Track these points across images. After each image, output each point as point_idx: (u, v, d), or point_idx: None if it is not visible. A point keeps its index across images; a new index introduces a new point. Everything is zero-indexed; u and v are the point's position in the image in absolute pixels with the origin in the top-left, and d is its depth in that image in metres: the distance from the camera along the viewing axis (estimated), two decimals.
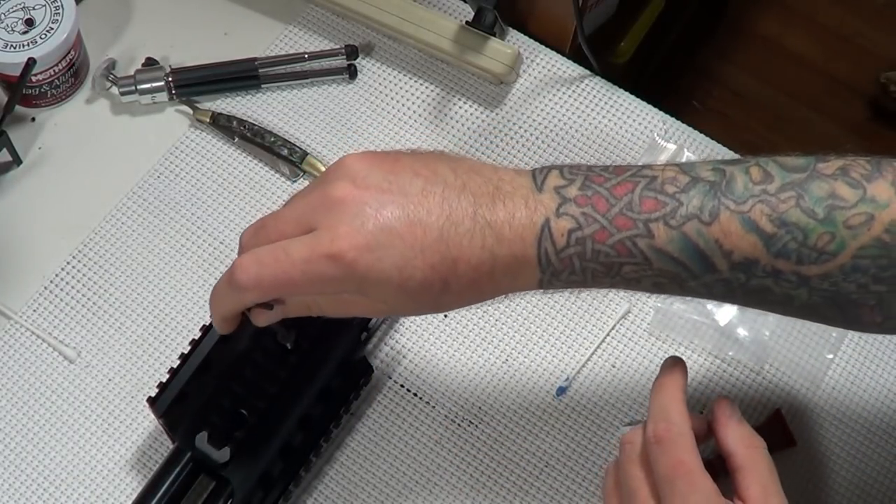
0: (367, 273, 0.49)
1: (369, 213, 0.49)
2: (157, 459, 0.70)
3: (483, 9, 0.81)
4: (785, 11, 1.68)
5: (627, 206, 0.50)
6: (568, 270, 0.51)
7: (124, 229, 0.78)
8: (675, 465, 0.51)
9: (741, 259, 0.49)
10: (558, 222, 0.50)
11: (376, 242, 0.49)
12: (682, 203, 0.50)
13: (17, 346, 0.74)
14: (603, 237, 0.50)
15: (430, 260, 0.49)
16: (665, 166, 0.51)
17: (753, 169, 0.50)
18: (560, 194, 0.51)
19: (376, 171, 0.51)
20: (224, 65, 0.83)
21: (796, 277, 0.50)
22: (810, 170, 0.50)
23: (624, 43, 1.22)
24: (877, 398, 0.74)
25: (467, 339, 0.75)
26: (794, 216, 0.49)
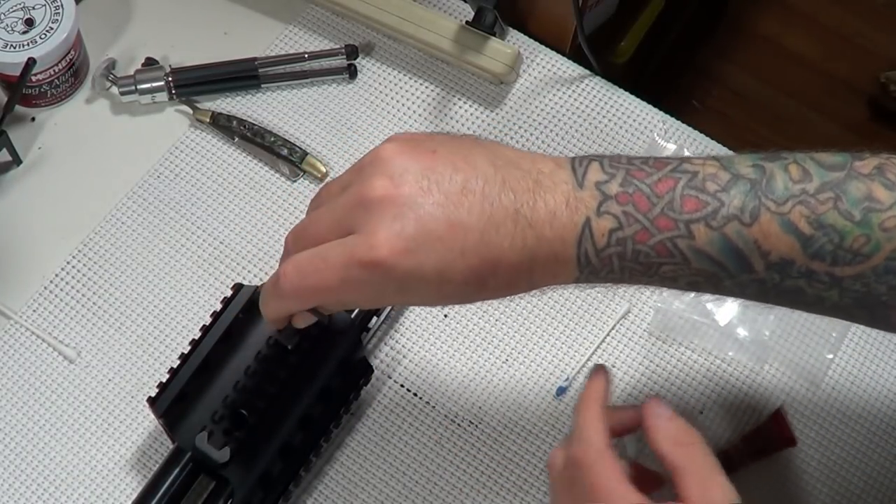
0: (407, 277, 0.48)
1: (409, 216, 0.48)
2: (157, 459, 0.70)
3: (483, 9, 0.81)
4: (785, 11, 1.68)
5: (669, 206, 0.49)
6: (606, 269, 0.50)
7: (124, 229, 0.78)
8: (592, 489, 0.51)
9: (778, 259, 0.49)
10: (599, 222, 0.49)
11: (416, 246, 0.48)
12: (724, 203, 0.49)
13: (17, 346, 0.74)
14: (644, 238, 0.49)
15: (470, 262, 0.48)
16: (705, 161, 0.51)
17: (792, 167, 0.50)
18: (601, 191, 0.50)
19: (414, 167, 0.49)
20: (224, 65, 0.83)
21: (829, 278, 0.50)
22: (847, 168, 0.50)
23: (624, 43, 1.22)
24: (877, 398, 0.74)
25: (467, 339, 0.75)
26: (832, 218, 0.49)
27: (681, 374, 0.74)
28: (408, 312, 0.75)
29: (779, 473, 0.71)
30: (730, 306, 0.75)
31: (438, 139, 0.51)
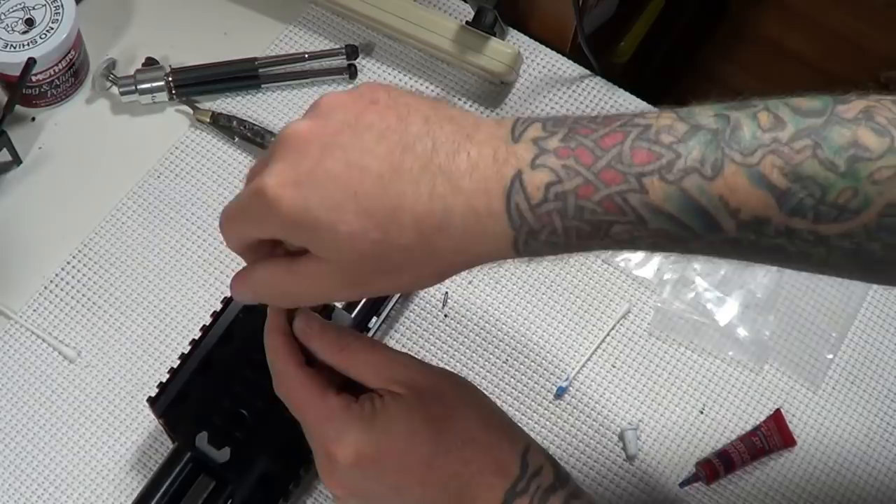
0: (292, 210, 0.45)
1: (311, 152, 0.46)
2: (157, 459, 0.70)
3: (483, 9, 0.81)
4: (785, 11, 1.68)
5: (616, 158, 0.44)
6: (548, 229, 0.45)
7: (124, 229, 0.78)
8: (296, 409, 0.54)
9: (750, 218, 0.44)
10: (533, 175, 0.44)
11: (306, 181, 0.45)
12: (681, 154, 0.44)
13: (17, 346, 0.74)
14: (587, 192, 0.44)
15: (363, 204, 0.44)
16: (660, 113, 0.46)
17: (762, 114, 0.45)
18: (538, 145, 0.45)
19: (343, 111, 0.47)
20: (224, 65, 0.83)
21: (814, 237, 0.44)
22: (828, 113, 0.44)
23: (624, 43, 1.22)
24: (877, 398, 0.74)
25: (467, 339, 0.75)
26: (811, 169, 0.43)
27: (681, 374, 0.74)
28: (408, 312, 0.75)
29: (779, 473, 0.71)
30: (730, 306, 0.76)
31: (394, 92, 0.48)
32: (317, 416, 0.53)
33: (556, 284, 0.77)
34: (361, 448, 0.51)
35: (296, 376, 0.54)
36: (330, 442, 0.52)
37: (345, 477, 0.52)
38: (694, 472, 0.70)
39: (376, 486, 0.52)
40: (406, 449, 0.51)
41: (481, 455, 0.52)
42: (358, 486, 0.53)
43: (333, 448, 0.52)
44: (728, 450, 0.71)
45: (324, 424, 0.52)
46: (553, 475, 0.53)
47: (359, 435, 0.51)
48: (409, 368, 0.54)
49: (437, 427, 0.52)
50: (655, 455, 0.72)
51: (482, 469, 0.52)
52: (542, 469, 0.53)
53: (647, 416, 0.73)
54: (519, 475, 0.52)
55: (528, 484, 0.52)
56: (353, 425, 0.52)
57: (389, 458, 0.51)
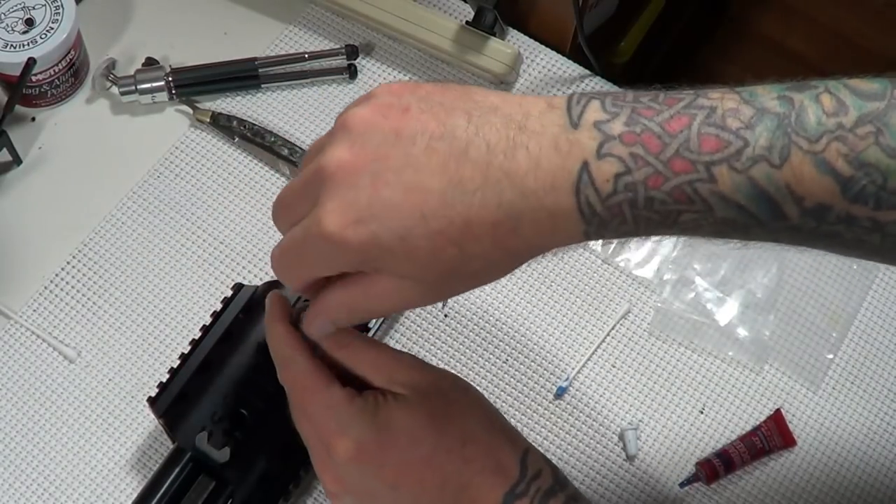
0: (364, 248, 0.45)
1: (362, 185, 0.44)
2: (157, 459, 0.70)
3: (483, 9, 0.81)
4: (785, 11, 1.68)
5: (684, 146, 0.43)
6: (618, 220, 0.44)
7: (124, 229, 0.78)
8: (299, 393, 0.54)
9: (813, 205, 0.44)
10: (600, 165, 0.43)
11: (368, 216, 0.44)
12: (749, 142, 0.43)
13: (17, 346, 0.74)
14: (657, 182, 0.43)
15: (434, 226, 0.44)
16: (723, 93, 0.45)
17: (824, 97, 0.44)
18: (601, 130, 0.44)
19: (377, 131, 0.45)
20: (224, 65, 0.83)
21: (871, 223, 0.44)
22: (888, 97, 0.44)
23: (624, 43, 1.22)
24: (877, 398, 0.74)
25: (467, 339, 0.75)
26: (874, 156, 0.43)
27: (681, 374, 0.74)
28: (408, 312, 0.75)
29: (779, 473, 0.71)
30: (730, 306, 0.76)
31: (420, 92, 0.47)
32: (319, 406, 0.52)
33: (556, 284, 0.77)
34: (362, 442, 0.51)
35: (302, 364, 0.53)
36: (330, 433, 0.52)
37: (342, 472, 0.52)
38: (694, 472, 0.70)
39: (373, 484, 0.52)
40: (407, 446, 0.51)
41: (482, 455, 0.52)
42: (354, 482, 0.52)
43: (334, 440, 0.51)
44: (728, 450, 0.71)
45: (326, 415, 0.52)
46: (552, 478, 0.53)
47: (360, 428, 0.51)
48: (412, 368, 0.54)
49: (439, 426, 0.52)
50: (655, 455, 0.72)
51: (482, 469, 0.52)
52: (541, 472, 0.53)
53: (647, 416, 0.73)
54: (519, 477, 0.52)
55: (527, 486, 0.52)
56: (356, 418, 0.51)
57: (390, 455, 0.51)
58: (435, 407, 0.52)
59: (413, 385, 0.53)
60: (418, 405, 0.52)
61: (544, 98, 0.46)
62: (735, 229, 0.45)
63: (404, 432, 0.51)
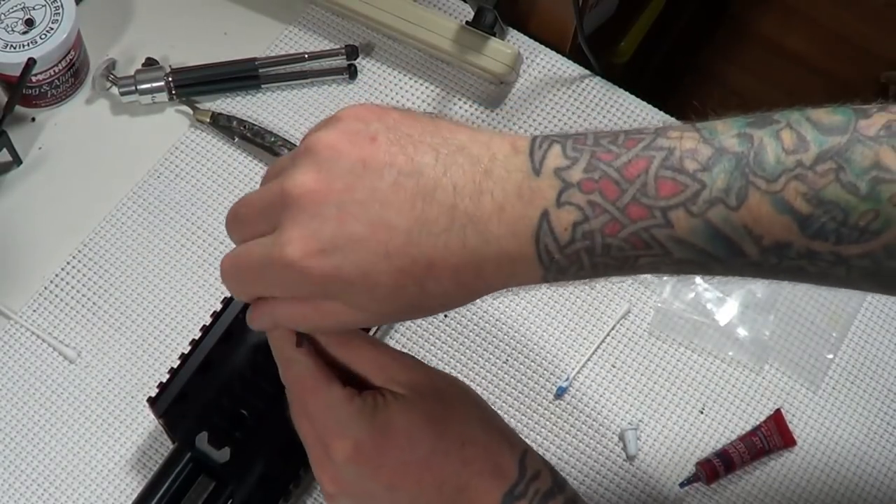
0: (326, 280, 0.45)
1: (328, 215, 0.44)
2: (157, 459, 0.70)
3: (483, 9, 0.81)
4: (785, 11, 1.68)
5: (641, 191, 0.44)
6: (575, 267, 0.45)
7: (124, 229, 0.78)
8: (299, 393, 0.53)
9: (772, 243, 0.44)
10: (560, 214, 0.44)
11: (332, 248, 0.44)
12: (706, 184, 0.43)
13: (17, 346, 0.74)
14: (614, 230, 0.44)
15: (397, 264, 0.44)
16: (682, 133, 0.45)
17: (785, 133, 0.44)
18: (561, 178, 0.44)
19: (344, 159, 0.45)
20: (224, 65, 0.83)
21: (834, 258, 0.44)
22: (850, 130, 0.44)
23: (624, 43, 1.22)
24: (877, 398, 0.74)
25: (467, 339, 0.75)
26: (833, 193, 0.43)
27: (681, 374, 0.74)
28: None
29: (779, 473, 0.71)
30: (730, 306, 0.76)
31: (388, 120, 0.46)
32: (320, 405, 0.52)
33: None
34: (360, 442, 0.51)
35: (304, 363, 0.53)
36: (330, 433, 0.52)
37: (340, 472, 0.52)
38: (694, 472, 0.70)
39: (370, 485, 0.52)
40: (405, 447, 0.51)
41: (481, 457, 0.52)
42: (352, 483, 0.52)
43: (332, 440, 0.51)
44: (728, 450, 0.71)
45: (326, 414, 0.52)
46: (551, 480, 0.53)
47: (359, 429, 0.51)
48: (412, 369, 0.54)
49: (438, 427, 0.52)
50: (655, 455, 0.72)
51: (481, 471, 0.52)
52: (539, 473, 0.53)
53: (647, 416, 0.73)
54: (517, 479, 0.52)
55: (526, 487, 0.52)
56: (355, 418, 0.51)
57: (388, 456, 0.51)
58: (434, 408, 0.52)
59: (412, 385, 0.53)
60: (417, 406, 0.52)
61: (509, 139, 0.46)
62: (695, 267, 0.46)
63: (403, 433, 0.51)
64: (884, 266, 0.45)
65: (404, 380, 0.53)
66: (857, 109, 0.45)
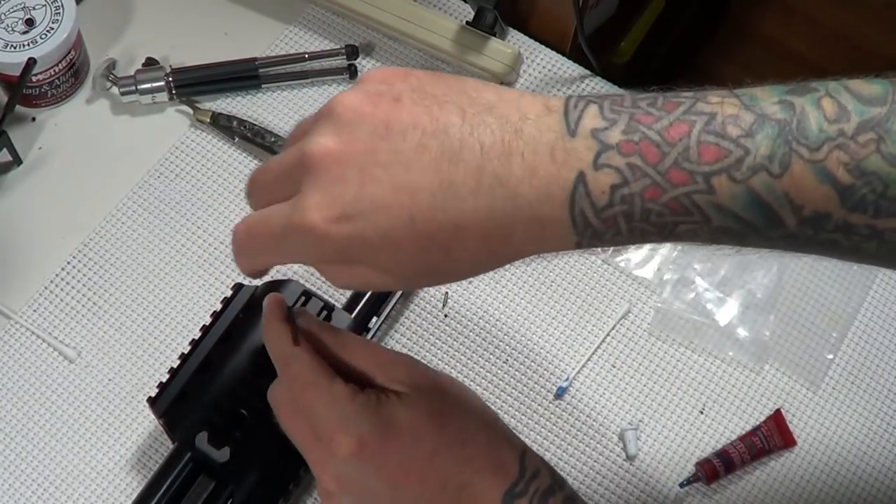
0: (348, 245, 0.43)
1: (349, 179, 0.43)
2: (157, 459, 0.70)
3: (483, 9, 0.81)
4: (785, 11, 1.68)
5: (683, 155, 0.42)
6: (612, 231, 0.43)
7: (124, 229, 0.78)
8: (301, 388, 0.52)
9: (812, 213, 0.43)
10: (597, 176, 0.42)
11: (354, 212, 0.43)
12: (749, 151, 0.42)
13: (17, 346, 0.74)
14: (655, 194, 0.42)
15: (421, 228, 0.43)
16: (723, 99, 0.44)
17: (826, 101, 0.43)
18: (599, 139, 0.42)
19: (367, 121, 0.44)
20: (224, 65, 0.83)
21: (869, 230, 0.44)
22: (890, 101, 0.43)
23: (624, 43, 1.22)
24: (877, 398, 0.74)
25: (467, 339, 0.75)
26: (875, 164, 0.42)
27: (681, 374, 0.74)
28: (408, 312, 0.75)
29: (779, 473, 0.71)
30: (730, 306, 0.76)
31: (412, 81, 0.45)
32: (321, 402, 0.51)
33: (556, 284, 0.77)
34: (364, 438, 0.50)
35: (305, 359, 0.52)
36: (332, 429, 0.51)
37: (342, 470, 0.51)
38: (694, 472, 0.70)
39: (373, 483, 0.51)
40: (409, 443, 0.51)
41: (482, 454, 0.52)
42: (353, 481, 0.52)
43: (336, 435, 0.51)
44: (728, 450, 0.71)
45: (328, 410, 0.51)
46: (550, 478, 0.53)
47: (363, 424, 0.50)
48: (412, 368, 0.54)
49: (440, 423, 0.52)
50: (655, 455, 0.72)
51: (482, 468, 0.52)
52: (539, 472, 0.53)
53: (647, 416, 0.73)
54: (518, 477, 0.52)
55: (526, 486, 0.52)
56: (359, 413, 0.51)
57: (392, 452, 0.51)
58: (436, 405, 0.52)
59: (413, 384, 0.53)
60: (419, 403, 0.52)
61: (541, 98, 0.45)
62: (731, 237, 0.45)
63: (407, 429, 0.51)
64: None
65: (405, 378, 0.53)
66: (893, 81, 0.45)
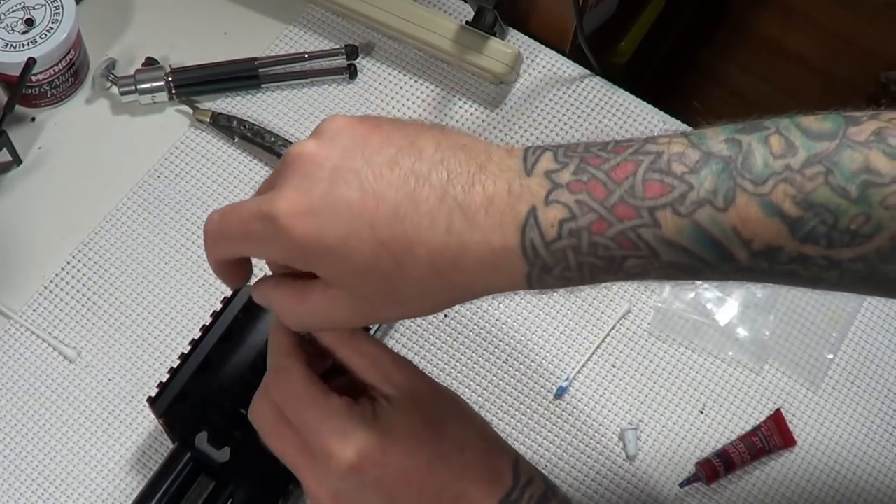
0: (305, 240, 0.45)
1: (321, 177, 0.45)
2: (157, 459, 0.70)
3: (483, 9, 0.81)
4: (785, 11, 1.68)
5: (629, 192, 0.44)
6: (561, 265, 0.45)
7: (124, 229, 0.78)
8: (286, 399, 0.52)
9: (762, 247, 0.44)
10: (547, 211, 0.44)
11: (320, 208, 0.44)
12: (693, 186, 0.44)
13: (17, 346, 0.74)
14: (601, 228, 0.44)
15: (379, 235, 0.44)
16: (671, 138, 0.45)
17: (773, 138, 0.44)
18: (551, 179, 0.45)
19: (349, 132, 0.46)
20: (224, 65, 0.83)
21: (826, 262, 0.44)
22: (840, 136, 0.44)
23: (624, 43, 1.22)
24: (877, 398, 0.74)
25: (467, 339, 0.75)
26: (823, 196, 0.43)
27: (681, 374, 0.74)
28: None
29: (779, 473, 0.71)
30: (730, 306, 0.76)
31: (395, 120, 0.48)
32: (316, 416, 0.51)
33: None
34: (363, 450, 0.50)
35: (298, 373, 0.52)
36: (330, 443, 0.50)
37: (338, 484, 0.51)
38: (694, 472, 0.70)
39: (370, 496, 0.51)
40: (408, 452, 0.50)
41: (477, 462, 0.52)
42: (350, 495, 0.51)
43: (334, 448, 0.50)
44: (728, 450, 0.71)
45: (323, 423, 0.51)
46: (544, 485, 0.53)
47: (361, 436, 0.50)
48: (407, 370, 0.53)
49: (436, 430, 0.51)
50: (655, 455, 0.72)
51: (478, 477, 0.51)
52: (533, 479, 0.53)
53: (647, 416, 0.73)
54: (512, 485, 0.52)
55: (521, 493, 0.52)
56: (356, 426, 0.50)
57: (390, 463, 0.50)
58: (431, 412, 0.52)
59: (407, 386, 0.52)
60: (414, 409, 0.52)
61: (505, 147, 0.47)
62: (684, 272, 0.46)
63: (404, 438, 0.51)
64: (877, 270, 0.45)
65: (398, 379, 0.52)
66: (847, 117, 0.46)
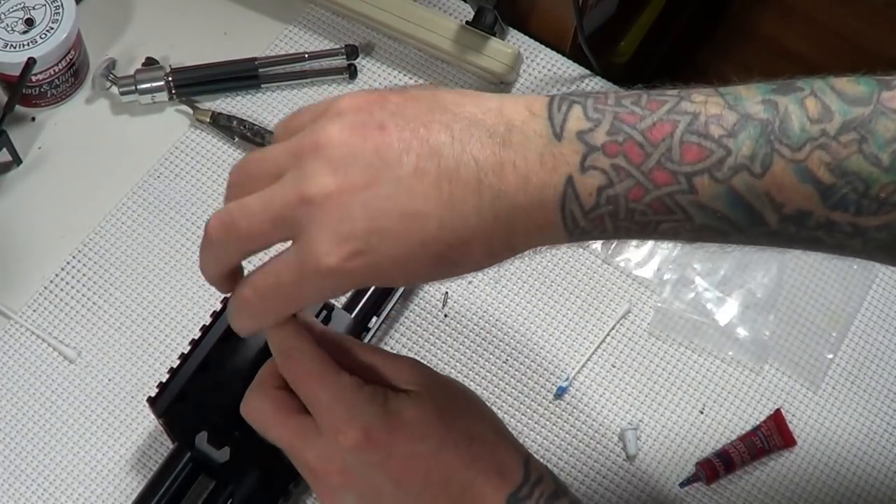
0: (366, 274, 0.44)
1: (356, 215, 0.43)
2: (157, 459, 0.70)
3: (483, 8, 0.81)
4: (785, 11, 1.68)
5: (666, 156, 0.43)
6: (598, 230, 0.45)
7: (124, 229, 0.78)
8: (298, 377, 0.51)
9: (793, 212, 0.44)
10: (584, 179, 0.43)
11: (368, 247, 0.43)
12: (731, 151, 0.43)
13: (17, 346, 0.74)
14: (639, 195, 0.44)
15: (433, 251, 0.44)
16: (707, 97, 0.45)
17: (809, 101, 0.44)
18: (584, 142, 0.44)
19: (359, 154, 0.44)
20: (224, 65, 0.83)
21: (852, 228, 0.45)
22: (874, 102, 0.44)
23: (624, 43, 1.22)
24: (877, 398, 0.74)
25: (467, 339, 0.75)
26: (856, 164, 0.43)
27: (681, 374, 0.74)
28: (408, 312, 0.75)
29: (779, 473, 0.71)
30: (730, 306, 0.76)
31: (390, 106, 0.45)
32: (328, 393, 0.51)
33: (556, 284, 0.77)
34: (371, 428, 0.50)
35: (308, 352, 0.52)
36: (340, 419, 0.50)
37: (348, 460, 0.51)
38: (694, 472, 0.70)
39: (377, 478, 0.51)
40: (416, 436, 0.50)
41: (487, 455, 0.52)
42: (358, 472, 0.51)
43: (343, 425, 0.50)
44: (728, 450, 0.71)
45: (334, 399, 0.50)
46: (554, 484, 0.53)
47: (370, 415, 0.50)
48: (417, 369, 0.53)
49: (447, 420, 0.51)
50: (655, 455, 0.72)
51: (487, 470, 0.51)
52: (543, 477, 0.53)
53: (647, 416, 0.73)
54: (522, 481, 0.52)
55: (531, 490, 0.52)
56: (366, 404, 0.50)
57: (398, 445, 0.50)
58: (442, 404, 0.52)
59: (419, 383, 0.52)
60: (426, 399, 0.51)
61: (523, 101, 0.45)
62: (714, 235, 0.46)
63: (413, 422, 0.50)
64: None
65: (410, 378, 0.52)
66: (879, 80, 0.46)
